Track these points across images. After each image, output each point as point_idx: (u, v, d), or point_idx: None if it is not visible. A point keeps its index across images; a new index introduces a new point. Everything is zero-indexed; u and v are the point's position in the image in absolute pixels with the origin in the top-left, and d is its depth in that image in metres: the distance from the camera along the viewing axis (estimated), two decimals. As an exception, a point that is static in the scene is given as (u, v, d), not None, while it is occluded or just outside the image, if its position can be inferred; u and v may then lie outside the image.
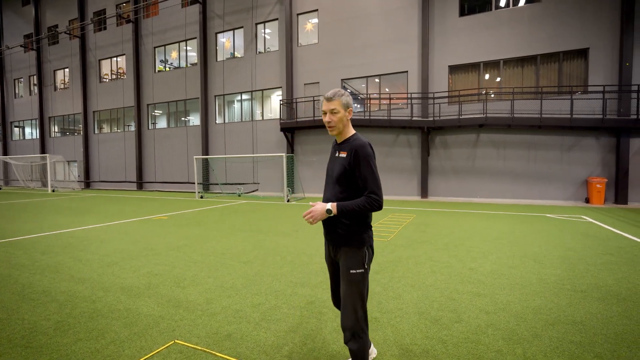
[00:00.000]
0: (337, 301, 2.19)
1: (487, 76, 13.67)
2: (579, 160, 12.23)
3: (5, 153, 29.14)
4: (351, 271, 1.87)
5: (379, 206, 1.82)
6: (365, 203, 1.81)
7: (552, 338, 2.64)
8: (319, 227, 7.22)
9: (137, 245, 5.89)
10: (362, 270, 1.89)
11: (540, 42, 12.64)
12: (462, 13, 13.82)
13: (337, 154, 1.98)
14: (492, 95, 13.53)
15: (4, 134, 29.35)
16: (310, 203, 1.93)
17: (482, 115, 12.76)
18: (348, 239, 1.90)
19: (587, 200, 11.86)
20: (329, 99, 1.92)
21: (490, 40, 13.34)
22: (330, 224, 1.94)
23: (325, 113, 1.93)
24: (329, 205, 1.84)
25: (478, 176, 13.63)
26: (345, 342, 1.90)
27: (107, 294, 3.64)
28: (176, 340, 2.66)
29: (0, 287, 3.89)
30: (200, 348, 2.54)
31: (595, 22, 11.94)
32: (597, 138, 12.00)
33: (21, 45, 26.35)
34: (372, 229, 2.00)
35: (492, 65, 13.54)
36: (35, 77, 27.19)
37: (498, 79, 13.47)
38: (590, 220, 8.31)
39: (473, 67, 13.79)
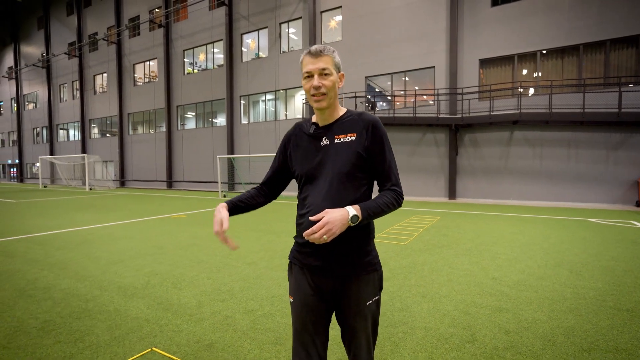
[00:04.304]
0: None
1: (523, 70, 12.71)
2: (628, 159, 11.03)
3: (51, 154, 31.22)
4: (368, 303, 1.33)
5: (402, 202, 1.36)
6: (392, 200, 1.29)
7: (586, 368, 2.18)
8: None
9: (147, 244, 5.87)
10: (379, 297, 1.39)
11: (582, 30, 11.55)
12: (494, 3, 12.96)
13: (324, 142, 1.34)
14: (530, 91, 12.55)
15: (51, 136, 31.48)
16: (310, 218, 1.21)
17: (516, 111, 11.86)
18: (361, 262, 1.32)
19: (638, 204, 10.67)
20: (316, 54, 1.26)
21: (525, 30, 12.38)
22: (333, 245, 1.26)
23: (310, 75, 1.27)
24: (352, 210, 1.19)
25: (511, 177, 12.69)
26: None
27: (103, 293, 3.56)
28: (154, 348, 2.47)
29: (7, 282, 3.93)
30: (175, 359, 2.33)
31: (649, 6, 10.72)
32: (650, 135, 10.77)
33: (65, 53, 28.12)
34: (389, 231, 1.56)
35: (527, 57, 12.57)
36: (77, 82, 28.93)
37: (535, 74, 12.48)
38: (641, 226, 7.39)
39: (506, 60, 12.88)
